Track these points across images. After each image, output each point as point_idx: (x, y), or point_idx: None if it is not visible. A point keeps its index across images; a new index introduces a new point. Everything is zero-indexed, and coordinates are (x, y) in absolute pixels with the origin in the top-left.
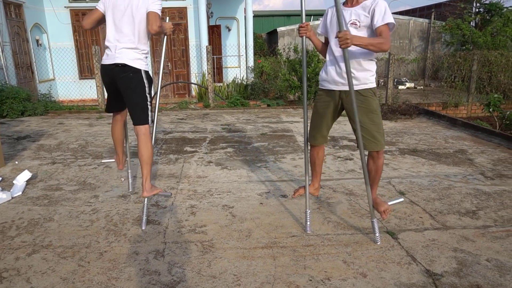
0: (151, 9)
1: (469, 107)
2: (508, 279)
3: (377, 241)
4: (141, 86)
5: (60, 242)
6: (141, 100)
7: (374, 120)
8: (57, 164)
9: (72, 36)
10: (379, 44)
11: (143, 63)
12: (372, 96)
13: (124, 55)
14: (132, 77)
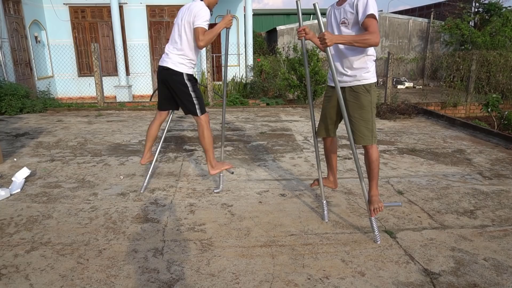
0: (195, 25)
1: (467, 107)
2: (505, 278)
3: (377, 240)
4: (184, 86)
5: (59, 239)
6: (186, 98)
7: (363, 116)
8: (56, 162)
9: (71, 33)
10: (364, 40)
11: (185, 68)
12: (364, 92)
13: (169, 60)
14: (176, 79)
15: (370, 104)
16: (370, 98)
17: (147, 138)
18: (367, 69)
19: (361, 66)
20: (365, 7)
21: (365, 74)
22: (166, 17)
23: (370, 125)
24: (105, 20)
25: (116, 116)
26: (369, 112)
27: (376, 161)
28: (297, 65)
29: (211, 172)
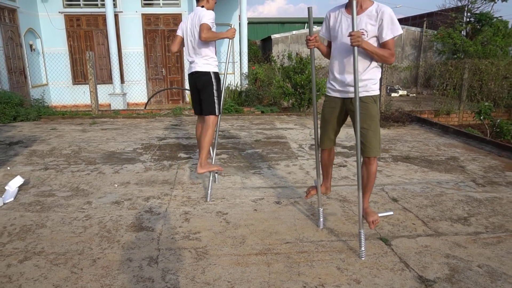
0: (201, 21)
1: (460, 114)
2: (499, 285)
3: (362, 256)
4: (210, 85)
5: (52, 248)
6: (208, 95)
7: (372, 127)
8: (49, 170)
9: (66, 41)
10: (383, 57)
11: (211, 66)
12: (372, 103)
13: (196, 65)
14: (203, 79)
15: (378, 115)
16: (377, 109)
17: (198, 141)
18: (375, 80)
19: (370, 77)
20: (392, 26)
21: (373, 86)
22: (161, 26)
23: (378, 136)
24: (100, 28)
25: (111, 124)
26: (377, 123)
27: (374, 174)
28: (292, 73)
29: (199, 171)
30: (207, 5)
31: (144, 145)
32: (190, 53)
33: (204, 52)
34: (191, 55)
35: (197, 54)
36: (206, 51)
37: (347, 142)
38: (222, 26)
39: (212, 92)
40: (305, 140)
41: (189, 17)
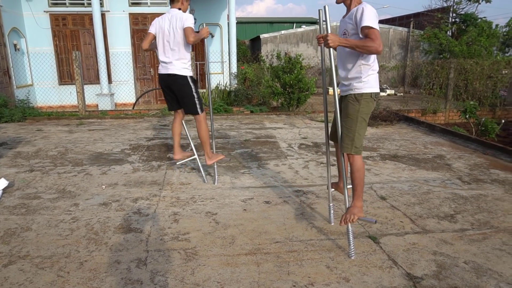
0: (186, 25)
1: (446, 113)
2: (484, 281)
3: (351, 255)
4: (189, 88)
5: (38, 252)
6: (189, 98)
7: (347, 124)
8: (35, 172)
9: (52, 41)
10: (365, 46)
11: (188, 71)
12: (353, 101)
13: (174, 67)
14: (181, 82)
15: (357, 113)
16: (358, 108)
17: (173, 135)
18: (360, 79)
19: (356, 75)
20: (362, 18)
21: (357, 84)
22: (149, 25)
23: (351, 133)
24: (87, 28)
25: (98, 124)
26: (354, 122)
27: (358, 172)
28: (281, 72)
29: (208, 162)
30: (183, 7)
31: (132, 145)
32: (166, 54)
33: (183, 55)
34: (167, 55)
35: (175, 56)
36: (185, 54)
37: None
38: (211, 26)
39: (192, 95)
40: (294, 139)
41: (165, 17)
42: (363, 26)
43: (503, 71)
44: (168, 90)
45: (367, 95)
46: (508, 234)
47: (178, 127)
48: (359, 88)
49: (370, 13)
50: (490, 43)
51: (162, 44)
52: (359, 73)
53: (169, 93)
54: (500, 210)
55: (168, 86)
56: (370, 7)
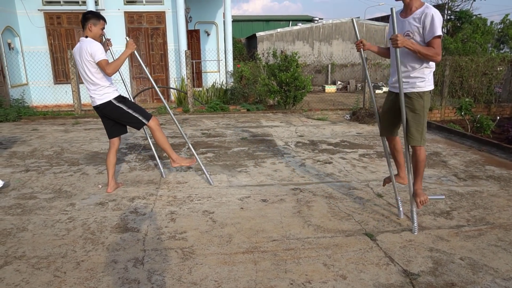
0: (97, 60)
1: (442, 110)
2: (480, 277)
3: (415, 231)
4: (119, 109)
5: (34, 252)
6: (127, 117)
7: (415, 119)
8: (31, 172)
9: (47, 39)
10: (428, 55)
11: (109, 95)
12: (417, 98)
13: (94, 98)
14: (108, 109)
15: (423, 108)
16: (423, 103)
17: (108, 167)
18: (423, 79)
19: (419, 75)
20: (432, 26)
21: (420, 83)
22: (144, 24)
23: (420, 127)
24: None
25: (94, 124)
26: (421, 116)
27: (423, 162)
28: (277, 70)
29: (173, 165)
30: (90, 34)
31: (128, 144)
32: (86, 85)
33: (98, 83)
34: (87, 87)
35: (92, 86)
36: (99, 82)
37: (333, 139)
38: (206, 24)
39: (127, 112)
40: (291, 137)
41: (76, 49)
42: (434, 36)
43: (498, 67)
44: (105, 118)
45: (427, 93)
46: (504, 230)
47: (113, 158)
48: (422, 87)
49: (439, 21)
50: (485, 40)
51: (81, 75)
52: (423, 74)
53: (107, 121)
54: (496, 206)
55: (104, 116)
56: (438, 13)
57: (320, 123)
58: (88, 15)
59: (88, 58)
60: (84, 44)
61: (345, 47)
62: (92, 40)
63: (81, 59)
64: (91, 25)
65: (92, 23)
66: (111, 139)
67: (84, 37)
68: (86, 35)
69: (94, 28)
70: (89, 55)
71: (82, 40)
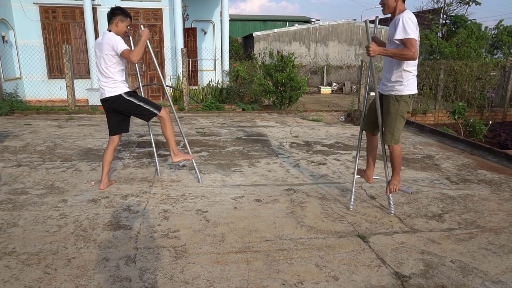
0: (119, 51)
1: (436, 114)
2: (470, 279)
3: (391, 212)
4: (130, 103)
5: (24, 248)
6: (139, 110)
7: (388, 120)
8: (22, 167)
9: (41, 33)
10: (401, 55)
11: (120, 88)
12: (393, 101)
13: (105, 91)
14: (119, 103)
15: (396, 112)
16: (398, 107)
17: (104, 164)
18: (401, 83)
19: (398, 79)
20: (400, 28)
21: (398, 87)
22: (141, 20)
23: (391, 129)
24: (78, 21)
25: (88, 120)
26: (394, 119)
27: (397, 158)
28: (273, 71)
29: (174, 159)
30: (115, 29)
31: (122, 141)
32: (99, 77)
33: (112, 77)
34: (100, 79)
35: (105, 78)
36: (113, 76)
37: (327, 141)
38: (203, 23)
39: (137, 106)
40: (286, 138)
41: (97, 41)
42: (403, 38)
43: (491, 72)
44: (112, 113)
45: (406, 97)
46: (494, 234)
47: (110, 155)
48: (399, 91)
49: (407, 23)
50: (479, 45)
51: (96, 67)
52: (401, 78)
53: (113, 116)
54: (487, 210)
55: (110, 110)
56: (408, 16)
57: (315, 124)
58: (117, 11)
59: (107, 51)
60: (106, 37)
61: (341, 49)
62: (114, 34)
63: (101, 52)
64: (118, 21)
65: (120, 19)
66: (112, 136)
67: (107, 31)
68: (110, 29)
69: (120, 24)
70: (110, 48)
71: (105, 33)
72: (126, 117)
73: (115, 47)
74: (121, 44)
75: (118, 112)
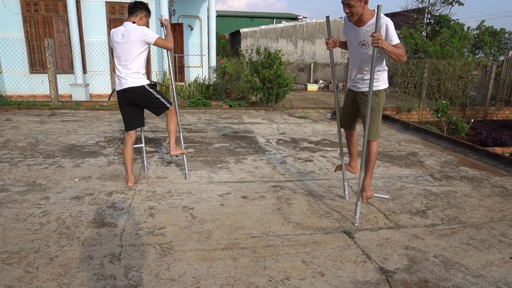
0: (153, 40)
1: (420, 112)
2: (452, 274)
3: (355, 223)
4: (150, 94)
5: (4, 247)
6: (155, 102)
7: (372, 115)
8: (2, 164)
9: (22, 26)
10: (399, 54)
11: (143, 80)
12: (374, 96)
13: (127, 81)
14: (139, 93)
15: (378, 106)
16: (378, 101)
17: (127, 162)
18: (377, 79)
19: (374, 77)
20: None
21: (376, 83)
22: (126, 14)
23: (376, 123)
24: (61, 14)
25: (72, 115)
26: (377, 113)
27: (374, 155)
28: (260, 67)
29: (172, 152)
30: (140, 23)
31: (107, 138)
32: (120, 69)
33: (137, 69)
34: (121, 70)
35: (127, 70)
36: (138, 68)
37: (314, 137)
38: (190, 18)
39: (155, 98)
40: (273, 134)
41: (118, 31)
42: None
43: (473, 72)
44: (129, 106)
45: (383, 91)
46: (475, 229)
47: (131, 152)
48: (377, 86)
49: (394, 29)
50: (462, 45)
51: (117, 58)
52: (376, 76)
53: (130, 109)
54: (468, 206)
55: (130, 102)
56: (391, 22)
57: (302, 121)
58: (143, 6)
59: (136, 42)
60: (131, 27)
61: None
62: (139, 25)
63: (127, 42)
64: (144, 16)
65: (145, 15)
66: (129, 131)
67: (130, 22)
68: (134, 21)
69: (144, 19)
70: (139, 39)
71: (128, 25)
72: (140, 110)
73: (146, 37)
74: (152, 33)
75: (133, 105)
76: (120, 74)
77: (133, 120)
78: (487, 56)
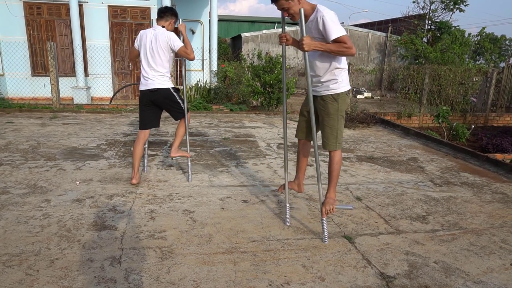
0: (178, 47)
1: (421, 117)
2: (453, 280)
3: (325, 240)
4: (173, 97)
5: (5, 249)
6: (176, 106)
7: (329, 123)
8: (4, 166)
9: (25, 30)
10: (339, 51)
11: (169, 83)
12: (331, 101)
13: (154, 82)
14: (164, 95)
15: (337, 112)
16: (337, 106)
17: (135, 159)
18: (335, 81)
19: (331, 78)
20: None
21: (334, 85)
22: (129, 19)
23: (335, 131)
24: (63, 18)
25: (73, 118)
26: (335, 120)
27: (337, 165)
28: (261, 72)
29: (172, 154)
30: (169, 27)
31: (108, 141)
32: (147, 70)
33: (163, 72)
34: (148, 72)
35: (154, 72)
36: (164, 71)
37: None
38: (192, 22)
39: (177, 102)
40: (273, 139)
41: (148, 34)
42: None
43: (474, 78)
44: (150, 106)
45: (343, 94)
46: (475, 235)
47: (141, 150)
48: (335, 89)
49: (333, 22)
50: (463, 51)
51: (145, 59)
52: (334, 76)
53: (150, 109)
54: (469, 212)
55: (152, 102)
56: (329, 14)
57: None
58: (173, 12)
59: (163, 47)
60: (161, 32)
61: None
62: (167, 30)
63: (156, 47)
64: (173, 22)
65: (174, 21)
66: (143, 130)
67: (160, 26)
68: (163, 26)
69: (173, 25)
70: (166, 44)
71: (158, 28)
72: (159, 111)
73: (172, 43)
74: (178, 41)
75: (154, 105)
76: (147, 75)
77: (150, 120)
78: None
